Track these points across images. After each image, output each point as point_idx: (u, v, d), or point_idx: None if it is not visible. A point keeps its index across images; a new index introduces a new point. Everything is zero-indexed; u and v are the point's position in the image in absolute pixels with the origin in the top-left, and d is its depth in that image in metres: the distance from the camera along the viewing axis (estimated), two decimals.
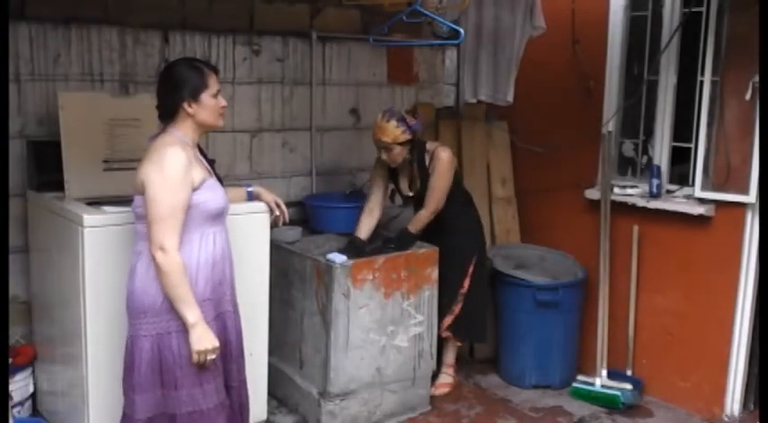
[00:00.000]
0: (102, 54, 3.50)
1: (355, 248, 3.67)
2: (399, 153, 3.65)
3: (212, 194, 2.58)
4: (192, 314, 2.48)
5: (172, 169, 2.46)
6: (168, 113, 2.60)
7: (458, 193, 3.86)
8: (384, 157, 3.69)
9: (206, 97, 2.58)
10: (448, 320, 3.86)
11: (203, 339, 2.49)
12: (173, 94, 2.56)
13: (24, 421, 3.24)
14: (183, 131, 2.59)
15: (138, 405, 2.54)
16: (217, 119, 2.65)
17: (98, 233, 2.81)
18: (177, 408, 2.55)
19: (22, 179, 3.31)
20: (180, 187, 2.47)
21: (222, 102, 2.65)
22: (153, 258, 2.45)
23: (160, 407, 2.57)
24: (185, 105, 2.56)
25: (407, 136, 3.60)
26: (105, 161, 3.24)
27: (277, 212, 3.06)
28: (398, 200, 4.09)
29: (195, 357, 2.50)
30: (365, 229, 3.78)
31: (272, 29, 3.98)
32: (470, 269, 3.87)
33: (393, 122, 3.58)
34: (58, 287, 3.10)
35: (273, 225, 3.18)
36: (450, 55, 4.72)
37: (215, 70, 2.66)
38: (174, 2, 3.68)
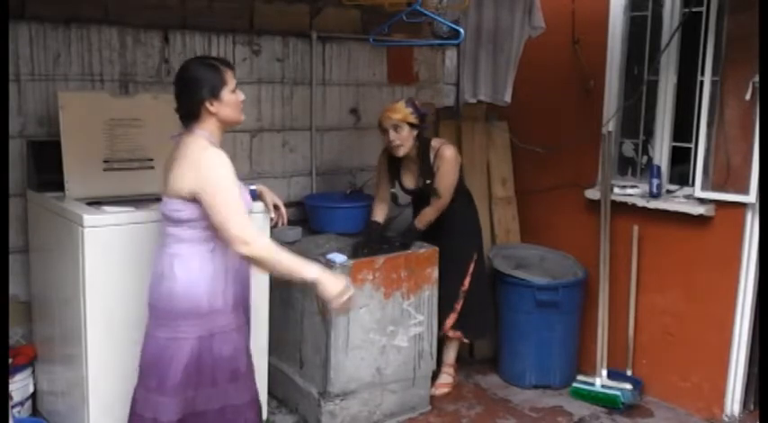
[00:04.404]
0: (102, 54, 3.50)
1: (371, 233, 3.77)
2: (408, 136, 3.68)
3: (243, 196, 2.59)
4: (309, 272, 2.49)
5: (223, 171, 2.48)
6: (190, 115, 2.57)
7: (460, 193, 3.87)
8: (392, 137, 3.68)
9: (226, 94, 2.57)
10: (451, 320, 3.87)
11: (333, 286, 2.48)
12: (193, 95, 2.54)
13: (24, 421, 3.24)
14: (208, 131, 2.57)
15: (169, 407, 2.53)
16: (239, 114, 2.65)
17: (98, 233, 2.81)
18: (210, 404, 2.57)
19: (22, 179, 3.30)
20: (235, 183, 2.50)
21: (241, 96, 2.64)
22: (241, 257, 2.46)
23: (189, 407, 2.57)
24: (207, 105, 2.54)
25: (415, 119, 3.67)
26: (105, 161, 3.24)
27: (272, 215, 3.06)
28: (401, 199, 4.11)
29: (337, 305, 2.48)
30: (380, 213, 3.90)
31: (272, 29, 3.98)
32: (471, 267, 3.89)
33: (402, 102, 3.71)
34: (57, 287, 3.09)
35: (273, 226, 3.19)
36: (450, 55, 4.72)
37: (230, 66, 2.65)
38: (174, 2, 3.68)
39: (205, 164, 2.47)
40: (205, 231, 2.52)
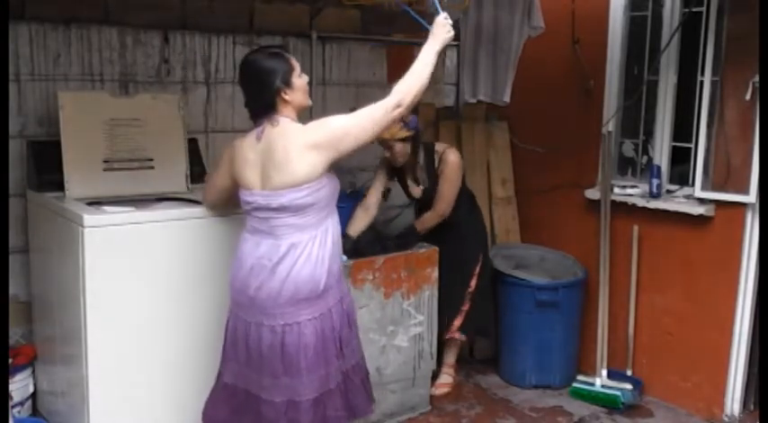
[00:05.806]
0: (102, 54, 3.50)
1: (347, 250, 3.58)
2: (401, 151, 3.66)
3: None
4: (430, 51, 2.69)
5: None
6: (266, 107, 2.58)
7: (464, 197, 3.86)
8: (387, 155, 3.70)
9: (295, 79, 2.60)
10: (458, 322, 3.88)
11: (442, 36, 2.73)
12: (268, 86, 2.55)
13: (24, 421, 3.24)
14: (289, 118, 2.60)
15: (308, 385, 2.56)
16: (307, 98, 2.67)
17: (98, 233, 2.81)
18: (332, 382, 2.62)
19: (22, 179, 3.30)
20: None
21: (306, 78, 2.66)
22: (394, 109, 2.54)
23: (324, 384, 2.60)
24: (282, 94, 2.56)
25: (405, 132, 3.60)
26: (105, 161, 3.24)
27: None
28: (398, 200, 4.10)
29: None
30: (359, 225, 3.69)
31: (272, 29, 3.98)
32: (477, 269, 3.89)
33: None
34: (58, 287, 3.09)
35: None
36: (450, 55, 4.71)
37: (288, 51, 2.67)
38: (174, 2, 3.68)
39: (307, 126, 2.55)
40: (322, 212, 2.58)
